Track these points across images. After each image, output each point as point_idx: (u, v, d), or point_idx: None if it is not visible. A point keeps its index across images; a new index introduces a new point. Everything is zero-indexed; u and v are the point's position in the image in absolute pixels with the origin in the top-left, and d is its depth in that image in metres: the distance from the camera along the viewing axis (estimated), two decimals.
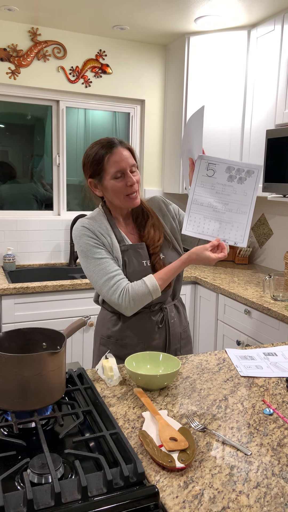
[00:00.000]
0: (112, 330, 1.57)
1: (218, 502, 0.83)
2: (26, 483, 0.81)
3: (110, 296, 1.45)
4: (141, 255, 1.52)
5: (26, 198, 3.24)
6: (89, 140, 3.36)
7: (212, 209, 1.44)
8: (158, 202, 1.64)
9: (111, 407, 1.17)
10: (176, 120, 3.21)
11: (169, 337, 1.59)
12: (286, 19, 2.51)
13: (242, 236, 1.45)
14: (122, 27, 2.93)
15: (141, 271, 1.50)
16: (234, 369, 1.43)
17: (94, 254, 1.47)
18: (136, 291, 1.43)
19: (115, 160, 1.43)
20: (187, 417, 1.12)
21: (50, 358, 1.04)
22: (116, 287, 1.44)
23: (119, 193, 1.46)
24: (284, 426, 1.10)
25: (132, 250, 1.51)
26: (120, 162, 1.43)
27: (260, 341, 2.38)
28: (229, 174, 1.42)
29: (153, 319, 1.55)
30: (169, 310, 1.59)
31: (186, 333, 1.68)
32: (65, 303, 2.68)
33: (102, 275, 1.46)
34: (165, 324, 1.58)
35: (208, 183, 1.43)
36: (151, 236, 1.54)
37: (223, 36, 2.93)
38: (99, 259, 1.46)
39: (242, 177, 1.42)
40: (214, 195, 1.43)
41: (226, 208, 1.43)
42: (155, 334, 1.56)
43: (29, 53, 2.94)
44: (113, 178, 1.44)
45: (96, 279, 1.47)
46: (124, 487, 0.84)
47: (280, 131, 2.46)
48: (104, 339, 1.60)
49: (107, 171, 1.44)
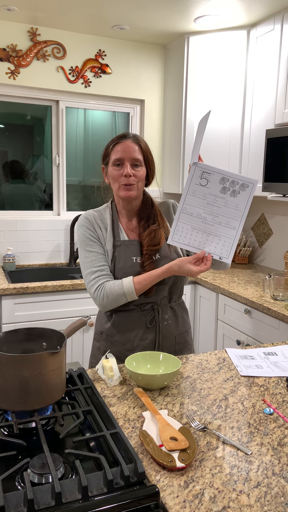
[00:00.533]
0: (104, 326, 1.62)
1: (218, 502, 0.83)
2: (27, 483, 0.81)
3: (89, 289, 1.54)
4: (132, 251, 1.54)
5: (26, 198, 3.24)
6: (89, 140, 3.36)
7: (201, 220, 1.40)
8: (168, 205, 1.67)
9: (111, 407, 1.17)
10: (176, 120, 3.21)
11: (160, 339, 1.57)
12: (286, 19, 2.52)
13: (228, 251, 1.41)
14: (121, 27, 2.93)
15: (130, 267, 1.52)
16: (234, 368, 1.43)
17: (87, 246, 1.55)
18: (111, 289, 1.48)
19: (118, 149, 1.50)
20: (187, 416, 1.12)
21: (50, 358, 1.04)
22: (94, 282, 1.51)
23: (115, 181, 1.52)
24: (285, 425, 1.10)
25: (124, 245, 1.56)
26: (122, 152, 1.49)
27: (260, 341, 2.38)
28: (223, 185, 1.38)
29: (142, 318, 1.55)
30: (162, 311, 1.57)
31: (182, 338, 1.64)
32: (65, 303, 2.68)
33: (87, 267, 1.54)
34: (155, 325, 1.56)
35: (200, 193, 1.39)
36: (150, 239, 1.54)
37: (223, 36, 2.93)
38: (89, 252, 1.55)
39: (236, 190, 1.38)
40: (205, 206, 1.39)
41: (215, 220, 1.40)
42: (143, 334, 1.56)
43: (28, 53, 2.94)
44: (113, 165, 1.51)
45: (83, 269, 1.57)
46: (125, 486, 0.84)
47: (280, 130, 2.46)
48: (97, 334, 1.66)
49: (110, 157, 1.52)
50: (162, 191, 3.47)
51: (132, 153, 1.48)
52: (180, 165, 3.16)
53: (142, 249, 1.54)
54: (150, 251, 1.53)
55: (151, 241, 1.53)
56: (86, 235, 1.56)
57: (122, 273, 1.52)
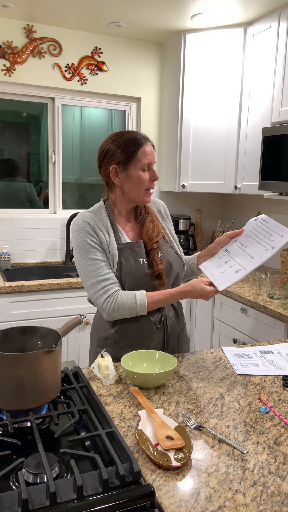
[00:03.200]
0: (109, 331, 1.55)
1: (214, 501, 0.82)
2: (21, 482, 0.80)
3: (95, 299, 1.46)
4: (137, 254, 1.51)
5: (21, 196, 3.22)
6: (85, 138, 3.35)
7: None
8: (158, 205, 1.68)
9: (107, 406, 1.16)
10: (172, 118, 3.21)
11: (167, 338, 1.58)
12: (283, 17, 2.51)
13: (228, 282, 1.41)
14: (118, 24, 2.91)
15: (137, 270, 1.49)
16: (231, 367, 1.42)
17: (88, 254, 1.47)
18: (123, 301, 1.43)
19: (147, 152, 1.48)
20: (183, 415, 1.12)
21: (45, 357, 1.04)
22: (103, 292, 1.44)
23: (142, 185, 1.49)
24: (281, 424, 1.09)
25: (128, 248, 1.50)
26: (150, 156, 1.49)
27: (256, 339, 2.38)
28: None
29: (151, 319, 1.53)
30: (167, 310, 1.58)
31: (183, 334, 1.67)
32: (61, 302, 2.67)
33: (91, 276, 1.46)
34: (163, 325, 1.56)
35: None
36: (149, 232, 1.54)
37: (219, 34, 2.93)
38: (92, 260, 1.46)
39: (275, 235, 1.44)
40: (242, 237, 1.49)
41: (244, 251, 1.46)
42: (153, 335, 1.55)
43: (24, 50, 2.92)
44: (142, 169, 1.48)
45: (85, 279, 1.48)
46: (120, 486, 0.83)
47: (276, 129, 2.46)
48: (101, 340, 1.58)
49: (139, 160, 1.47)
50: (158, 189, 3.46)
51: (154, 157, 1.51)
52: (176, 163, 3.15)
53: (146, 248, 1.53)
54: (155, 244, 1.53)
55: (152, 233, 1.54)
56: (87, 241, 1.47)
57: (129, 277, 1.48)
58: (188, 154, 3.10)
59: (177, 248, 1.62)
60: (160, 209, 1.68)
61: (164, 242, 1.58)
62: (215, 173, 3.08)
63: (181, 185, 3.13)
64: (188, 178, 3.13)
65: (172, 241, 1.63)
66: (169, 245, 1.60)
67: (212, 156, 3.06)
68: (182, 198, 3.59)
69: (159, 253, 1.53)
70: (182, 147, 3.11)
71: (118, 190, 1.53)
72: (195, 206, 3.65)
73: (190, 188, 3.13)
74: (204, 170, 3.10)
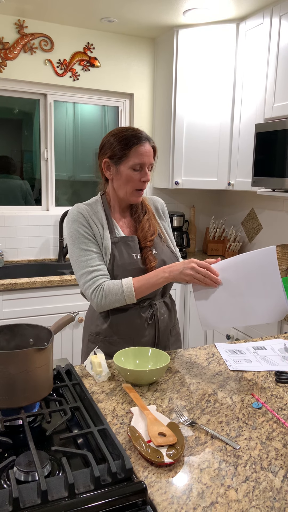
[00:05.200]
0: (101, 327, 1.55)
1: (206, 497, 0.82)
2: (12, 481, 0.79)
3: (85, 290, 1.47)
4: (131, 248, 1.51)
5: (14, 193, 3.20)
6: (78, 135, 3.33)
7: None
8: (156, 203, 1.67)
9: (100, 403, 1.16)
10: (165, 114, 3.19)
11: (158, 335, 1.57)
12: (275, 13, 2.50)
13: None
14: (110, 19, 2.89)
15: (130, 264, 1.49)
16: (224, 363, 1.42)
17: (81, 244, 1.47)
18: (110, 287, 1.43)
19: (141, 153, 1.44)
20: (176, 412, 1.12)
21: (36, 354, 1.03)
22: (92, 282, 1.44)
23: (130, 184, 1.47)
24: (273, 419, 1.10)
25: (122, 242, 1.51)
26: (144, 157, 1.45)
27: (249, 335, 2.38)
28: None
29: (142, 315, 1.53)
30: (159, 307, 1.57)
31: (175, 330, 1.67)
32: (54, 299, 2.66)
33: (82, 267, 1.46)
34: (155, 321, 1.56)
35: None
36: (145, 230, 1.54)
37: (212, 29, 2.91)
38: (84, 250, 1.47)
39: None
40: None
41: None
42: (144, 331, 1.54)
43: (15, 46, 2.90)
44: (131, 168, 1.45)
45: (76, 269, 1.49)
46: (112, 483, 0.83)
47: (269, 125, 2.46)
48: (92, 336, 1.58)
49: (130, 159, 1.45)
50: (151, 186, 3.45)
51: (150, 158, 1.47)
52: (169, 160, 3.14)
53: (140, 244, 1.53)
54: (149, 242, 1.53)
55: (147, 232, 1.54)
56: (80, 232, 1.47)
57: (122, 270, 1.48)
58: (181, 151, 3.09)
59: (172, 247, 1.63)
60: (157, 206, 1.67)
61: (159, 241, 1.58)
62: (209, 170, 3.07)
63: (175, 182, 3.12)
64: (181, 175, 3.12)
65: (168, 240, 1.62)
66: (165, 243, 1.60)
67: (205, 152, 3.06)
68: (176, 195, 3.58)
69: (152, 251, 1.53)
70: (175, 144, 3.10)
71: (111, 185, 1.54)
72: (189, 202, 3.64)
73: (183, 184, 3.12)
74: (198, 167, 3.09)
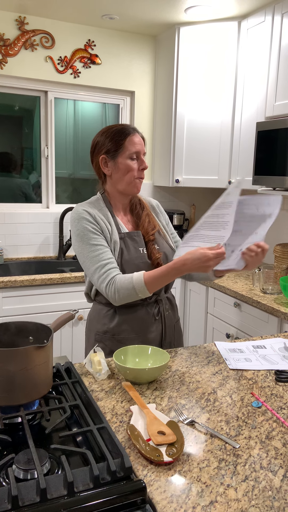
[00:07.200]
0: (108, 325, 1.55)
1: (206, 496, 0.82)
2: (11, 479, 0.79)
3: (99, 284, 1.45)
4: (137, 243, 1.54)
5: (14, 190, 3.19)
6: (79, 132, 3.32)
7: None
8: (151, 201, 1.72)
9: (99, 401, 1.15)
10: (166, 112, 3.19)
11: (165, 329, 1.60)
12: (277, 10, 2.49)
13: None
14: (111, 16, 2.88)
15: (137, 258, 1.51)
16: (223, 362, 1.42)
17: (90, 240, 1.46)
18: (121, 281, 1.41)
19: (135, 142, 1.49)
20: (175, 410, 1.12)
21: (36, 352, 1.03)
22: (105, 276, 1.43)
23: (130, 174, 1.49)
24: (273, 418, 1.09)
25: (128, 237, 1.53)
26: (138, 145, 1.50)
27: (249, 334, 2.38)
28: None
29: (149, 311, 1.55)
30: (164, 302, 1.60)
31: (178, 326, 1.70)
32: (54, 297, 2.66)
33: (95, 262, 1.45)
34: (161, 316, 1.58)
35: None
36: (145, 226, 1.58)
37: (214, 27, 2.90)
38: (94, 246, 1.46)
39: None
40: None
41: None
42: (152, 327, 1.56)
43: (16, 42, 2.89)
44: (130, 158, 1.49)
45: (89, 266, 1.46)
46: (111, 482, 0.83)
47: (270, 123, 2.45)
48: (99, 334, 1.57)
49: (127, 149, 1.48)
50: (152, 184, 3.44)
51: (143, 146, 1.52)
52: (170, 158, 3.13)
53: (144, 239, 1.56)
54: (152, 236, 1.56)
55: (148, 226, 1.57)
56: (88, 228, 1.46)
57: (130, 264, 1.49)
58: (182, 149, 3.09)
59: (171, 242, 1.66)
60: (153, 205, 1.71)
61: (159, 236, 1.62)
62: (209, 168, 3.07)
63: (175, 180, 3.11)
64: (182, 173, 3.11)
65: (166, 236, 1.66)
66: (163, 239, 1.63)
67: (206, 150, 3.05)
68: (176, 193, 3.58)
69: (155, 245, 1.56)
70: (176, 142, 3.09)
71: (109, 182, 1.56)
72: (189, 201, 3.64)
73: (184, 183, 3.12)
74: (198, 165, 3.09)
